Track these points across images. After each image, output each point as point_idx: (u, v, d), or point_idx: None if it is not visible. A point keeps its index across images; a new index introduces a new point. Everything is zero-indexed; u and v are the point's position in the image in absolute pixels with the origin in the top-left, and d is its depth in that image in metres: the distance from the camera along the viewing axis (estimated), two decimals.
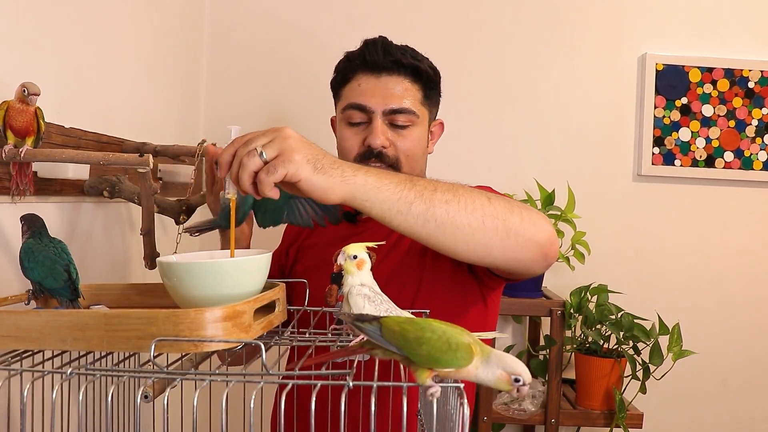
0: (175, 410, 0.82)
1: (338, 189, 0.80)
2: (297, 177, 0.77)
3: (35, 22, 1.06)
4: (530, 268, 0.97)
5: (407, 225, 0.85)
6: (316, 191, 0.79)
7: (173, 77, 1.69)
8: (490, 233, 0.89)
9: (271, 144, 0.77)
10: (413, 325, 0.65)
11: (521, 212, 0.92)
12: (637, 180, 1.96)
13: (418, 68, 1.18)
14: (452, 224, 0.86)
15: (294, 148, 0.77)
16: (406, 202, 0.84)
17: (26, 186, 0.98)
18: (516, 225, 0.90)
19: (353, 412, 1.01)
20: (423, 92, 1.20)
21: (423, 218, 0.85)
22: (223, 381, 0.67)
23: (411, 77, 1.18)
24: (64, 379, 0.66)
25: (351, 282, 0.79)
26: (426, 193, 0.85)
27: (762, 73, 1.92)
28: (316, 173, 0.78)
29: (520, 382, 0.63)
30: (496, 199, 0.91)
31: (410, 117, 1.17)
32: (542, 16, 1.95)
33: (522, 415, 1.65)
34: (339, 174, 0.80)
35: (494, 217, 0.89)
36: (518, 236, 0.90)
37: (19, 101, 0.93)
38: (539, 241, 0.93)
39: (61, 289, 0.85)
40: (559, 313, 1.65)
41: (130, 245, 1.38)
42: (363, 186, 0.82)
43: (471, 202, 0.88)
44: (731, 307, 1.96)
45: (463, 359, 0.63)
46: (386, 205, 0.83)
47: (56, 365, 0.78)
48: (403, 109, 1.16)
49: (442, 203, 0.86)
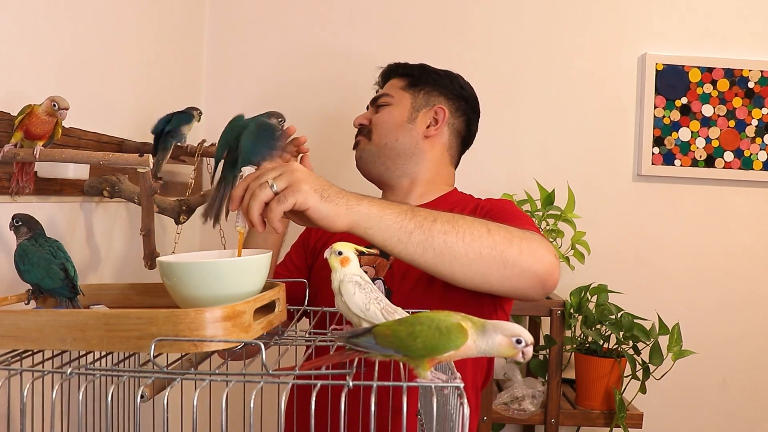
0: (175, 410, 0.82)
1: (344, 217, 0.86)
2: (306, 205, 0.84)
3: (35, 22, 1.06)
4: (528, 296, 1.02)
5: (407, 253, 0.91)
6: (323, 219, 0.85)
7: (173, 77, 1.69)
8: (488, 263, 0.94)
9: (281, 177, 0.84)
10: (403, 324, 0.66)
11: (521, 243, 0.96)
12: (637, 180, 1.96)
13: (395, 69, 1.40)
14: (450, 254, 0.92)
15: (302, 180, 0.84)
16: (406, 232, 0.90)
17: (27, 184, 0.98)
18: (514, 256, 0.95)
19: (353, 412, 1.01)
20: (406, 81, 1.37)
21: (422, 247, 0.91)
22: (223, 381, 0.67)
23: (396, 76, 1.40)
24: (64, 379, 0.66)
25: (339, 276, 0.81)
26: (426, 223, 0.92)
27: (762, 73, 1.92)
28: (323, 202, 0.85)
29: (522, 343, 0.64)
30: (497, 229, 0.96)
31: (385, 98, 1.35)
32: (542, 16, 1.95)
33: (522, 415, 1.65)
34: (344, 203, 0.87)
35: (492, 248, 0.94)
36: (515, 267, 0.95)
37: (47, 114, 0.95)
38: (537, 271, 0.97)
39: (59, 288, 0.85)
40: (559, 313, 1.65)
41: (130, 245, 1.38)
42: (366, 215, 0.88)
43: (469, 233, 0.93)
44: (731, 307, 1.95)
45: (458, 339, 0.64)
46: (388, 233, 0.89)
47: (56, 365, 0.78)
48: (381, 94, 1.37)
49: (441, 234, 0.92)
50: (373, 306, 0.78)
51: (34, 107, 0.94)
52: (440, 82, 1.36)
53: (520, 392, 1.68)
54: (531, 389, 1.69)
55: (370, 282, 0.81)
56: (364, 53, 1.94)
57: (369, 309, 0.77)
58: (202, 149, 1.34)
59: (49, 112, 0.95)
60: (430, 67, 1.38)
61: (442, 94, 1.36)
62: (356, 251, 0.83)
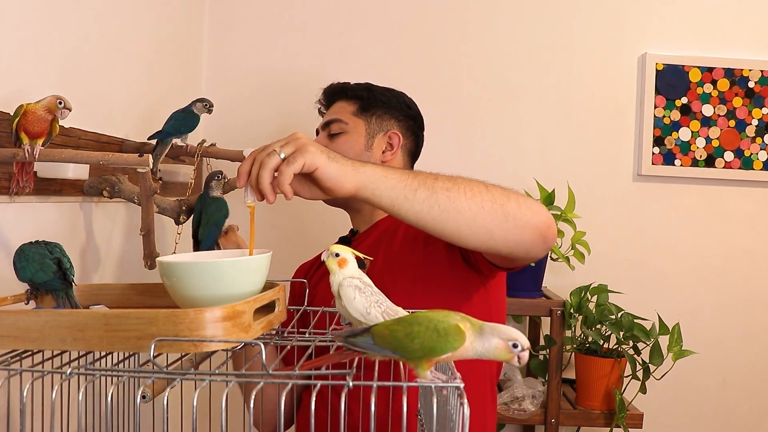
0: (175, 410, 0.82)
1: (351, 177, 0.87)
2: (314, 165, 0.85)
3: (35, 22, 1.06)
4: (530, 251, 1.01)
5: (414, 212, 0.92)
6: (332, 179, 0.86)
7: (173, 77, 1.69)
8: (490, 217, 0.94)
9: (287, 144, 0.86)
10: (401, 324, 0.66)
11: (518, 198, 0.98)
12: (637, 180, 1.96)
13: (345, 89, 1.39)
14: (455, 209, 0.93)
15: (308, 143, 0.86)
16: (411, 189, 0.91)
17: (26, 184, 0.98)
18: (513, 209, 0.96)
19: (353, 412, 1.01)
20: (357, 106, 1.36)
21: (428, 204, 0.91)
22: (223, 381, 0.67)
23: (344, 99, 1.38)
24: (64, 379, 0.66)
25: (338, 278, 0.80)
26: (428, 181, 0.93)
27: (762, 73, 1.92)
28: (331, 162, 0.86)
29: (519, 347, 0.65)
30: (493, 186, 0.98)
31: (339, 125, 1.34)
32: (542, 16, 1.95)
33: (522, 415, 1.65)
34: (350, 164, 0.88)
35: (492, 201, 0.95)
36: (516, 219, 0.96)
37: (47, 110, 0.94)
38: (537, 224, 0.98)
39: (52, 281, 0.84)
40: (559, 313, 1.64)
41: (130, 245, 1.38)
42: (372, 175, 0.89)
43: (470, 189, 0.94)
44: (731, 307, 1.95)
45: (456, 341, 0.64)
46: (394, 192, 0.90)
47: (56, 365, 0.78)
48: (332, 119, 1.35)
49: (444, 190, 0.93)
50: (374, 310, 0.77)
51: (27, 106, 0.94)
52: (389, 104, 1.37)
53: (520, 392, 1.68)
54: (531, 389, 1.69)
55: (371, 284, 0.80)
56: (364, 53, 1.94)
57: (370, 313, 0.76)
58: (202, 149, 1.34)
59: (49, 108, 0.95)
60: (376, 87, 1.39)
61: (393, 116, 1.37)
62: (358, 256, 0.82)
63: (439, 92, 1.93)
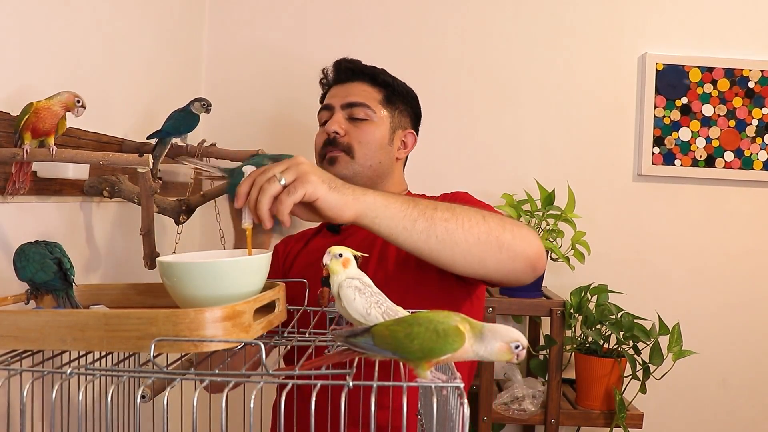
0: (175, 410, 0.82)
1: (351, 206, 0.88)
2: (315, 195, 0.85)
3: (35, 22, 1.06)
4: (520, 279, 1.06)
5: (412, 241, 0.94)
6: (332, 209, 0.87)
7: (173, 77, 1.69)
8: (485, 248, 0.97)
9: (289, 170, 0.85)
10: (401, 325, 0.66)
11: (513, 228, 1.00)
12: (637, 180, 1.96)
13: (374, 74, 1.35)
14: (452, 240, 0.95)
15: (310, 171, 0.85)
16: (411, 220, 0.92)
17: (22, 184, 0.98)
18: (508, 240, 0.99)
19: (353, 412, 1.01)
20: (383, 95, 1.33)
21: (425, 234, 0.93)
22: (222, 381, 0.67)
23: (370, 82, 1.34)
24: (64, 379, 0.66)
25: (338, 279, 0.79)
26: (428, 211, 0.94)
27: (762, 73, 1.92)
28: (332, 192, 0.86)
29: (519, 347, 0.65)
30: (490, 216, 1.00)
31: (366, 111, 1.30)
32: (542, 15, 1.95)
33: (522, 415, 1.65)
34: (351, 193, 0.89)
35: (488, 233, 0.97)
36: (510, 251, 0.99)
37: (63, 107, 0.94)
38: (529, 254, 1.01)
39: (52, 281, 0.84)
40: (559, 313, 1.64)
41: (129, 245, 1.38)
42: (372, 204, 0.90)
43: (467, 220, 0.96)
44: (731, 307, 1.95)
45: (456, 342, 0.64)
46: (393, 222, 0.92)
47: (56, 365, 0.78)
48: (359, 102, 1.30)
49: (442, 221, 0.94)
50: (374, 310, 0.77)
51: (37, 104, 0.94)
52: (408, 101, 1.37)
53: (520, 392, 1.68)
54: (531, 389, 1.69)
55: (371, 284, 0.80)
56: (364, 52, 1.94)
57: (370, 314, 0.76)
58: (202, 149, 1.34)
59: (67, 105, 0.95)
60: (397, 79, 1.37)
61: (409, 115, 1.38)
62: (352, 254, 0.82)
63: (440, 92, 1.93)
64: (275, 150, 1.41)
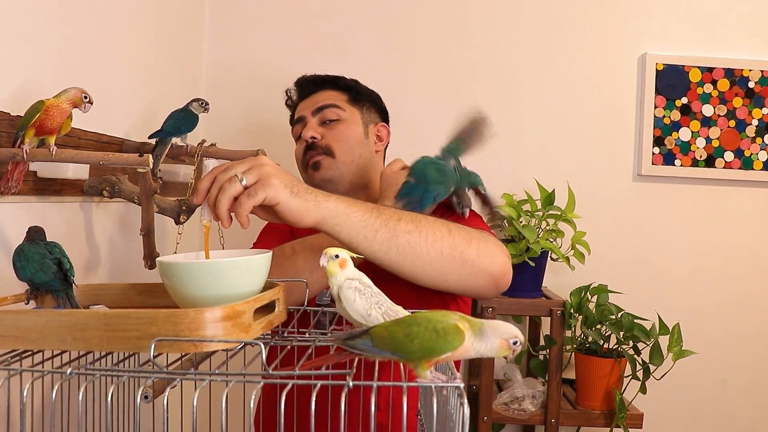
0: (175, 410, 0.82)
1: (312, 212, 0.88)
2: (276, 200, 0.84)
3: (35, 22, 1.06)
4: (482, 294, 1.06)
5: (372, 251, 0.93)
6: (292, 214, 0.86)
7: (173, 77, 1.69)
8: (447, 262, 0.97)
9: (251, 171, 0.84)
10: (400, 325, 0.66)
11: (479, 244, 1.00)
12: (637, 180, 1.96)
13: (335, 80, 1.37)
14: (413, 253, 0.94)
15: (272, 174, 0.85)
16: (372, 230, 0.92)
17: (15, 183, 0.97)
18: (472, 256, 0.98)
19: (353, 412, 1.01)
20: (348, 95, 1.35)
21: (386, 246, 0.93)
22: (222, 381, 0.67)
23: (333, 88, 1.36)
24: (64, 379, 0.66)
25: (337, 281, 0.78)
26: (391, 222, 0.94)
27: (762, 73, 1.92)
28: (293, 197, 0.86)
29: (517, 343, 0.66)
30: (456, 230, 0.99)
31: (336, 111, 1.32)
32: (542, 16, 1.95)
33: (522, 415, 1.65)
34: (313, 199, 0.88)
35: (452, 248, 0.97)
36: (473, 267, 0.99)
37: (71, 103, 0.94)
38: (492, 271, 1.01)
39: (52, 282, 0.84)
40: (559, 313, 1.64)
41: (130, 245, 1.38)
42: (334, 211, 0.90)
43: (432, 234, 0.96)
44: (731, 307, 1.95)
45: (455, 341, 0.64)
46: (354, 231, 0.91)
47: (56, 365, 0.78)
48: (328, 104, 1.32)
49: (405, 233, 0.94)
50: (374, 311, 0.77)
51: (47, 101, 0.94)
52: (373, 100, 1.39)
53: (520, 392, 1.68)
54: (531, 389, 1.69)
55: (371, 285, 0.80)
56: (364, 53, 1.94)
57: (370, 315, 0.76)
58: (202, 149, 1.34)
59: (74, 102, 0.95)
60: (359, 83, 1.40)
61: (377, 111, 1.40)
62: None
63: (440, 92, 1.93)
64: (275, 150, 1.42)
